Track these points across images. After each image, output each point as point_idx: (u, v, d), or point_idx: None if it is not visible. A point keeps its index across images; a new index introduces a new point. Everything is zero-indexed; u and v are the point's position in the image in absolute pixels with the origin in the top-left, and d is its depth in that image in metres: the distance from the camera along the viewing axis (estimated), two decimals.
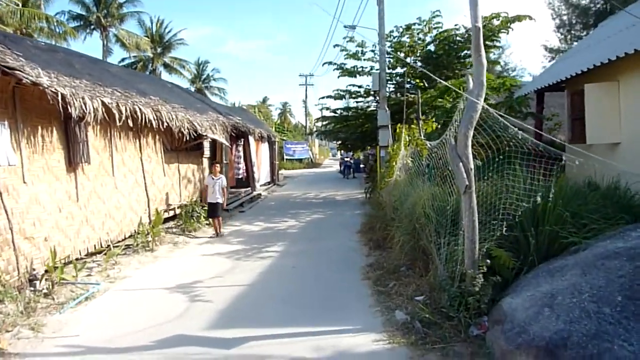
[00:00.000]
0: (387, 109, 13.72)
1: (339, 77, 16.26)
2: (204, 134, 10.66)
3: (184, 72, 51.76)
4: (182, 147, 11.47)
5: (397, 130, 9.09)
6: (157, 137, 9.94)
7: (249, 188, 17.83)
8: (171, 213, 10.90)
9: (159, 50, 50.76)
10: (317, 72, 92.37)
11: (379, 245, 8.57)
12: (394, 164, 8.62)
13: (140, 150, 9.24)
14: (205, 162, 13.05)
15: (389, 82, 15.74)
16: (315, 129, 19.19)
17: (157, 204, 9.97)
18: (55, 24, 31.51)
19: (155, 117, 8.70)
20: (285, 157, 40.26)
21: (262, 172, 20.81)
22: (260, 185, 20.58)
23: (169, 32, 49.49)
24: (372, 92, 16.36)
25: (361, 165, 32.23)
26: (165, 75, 45.39)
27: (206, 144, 12.90)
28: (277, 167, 23.77)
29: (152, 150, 9.74)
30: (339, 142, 19.12)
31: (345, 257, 8.21)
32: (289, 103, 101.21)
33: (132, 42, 45.27)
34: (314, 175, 33.06)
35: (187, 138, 10.80)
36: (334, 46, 15.95)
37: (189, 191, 11.81)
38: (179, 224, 11.06)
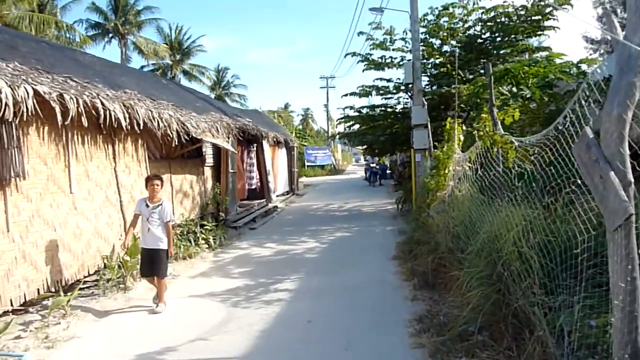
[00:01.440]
0: (424, 102, 11.41)
1: (364, 70, 14.10)
2: (200, 137, 8.60)
3: (203, 79, 51.00)
4: (176, 154, 9.45)
5: (447, 126, 6.85)
6: (140, 142, 7.91)
7: (264, 200, 15.73)
8: None
9: (177, 57, 50.14)
10: (339, 72, 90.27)
11: (427, 282, 6.28)
12: (446, 171, 6.36)
13: (115, 159, 7.21)
14: (208, 171, 11.01)
15: (423, 74, 13.45)
16: (337, 132, 16.89)
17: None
18: (66, 28, 30.46)
19: (128, 116, 6.65)
20: (306, 163, 38.21)
21: (279, 181, 18.73)
22: (277, 196, 18.47)
23: (188, 38, 48.73)
24: (403, 87, 14.10)
25: (388, 171, 29.89)
26: (184, 83, 44.28)
27: (208, 150, 10.87)
28: (296, 175, 21.65)
29: (133, 159, 7.70)
30: (364, 146, 16.84)
31: (382, 301, 5.97)
32: (311, 109, 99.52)
33: (151, 49, 44.48)
34: (337, 182, 30.83)
35: (182, 142, 8.78)
36: (359, 34, 13.36)
37: (185, 208, 9.76)
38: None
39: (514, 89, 8.54)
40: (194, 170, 10.23)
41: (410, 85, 12.17)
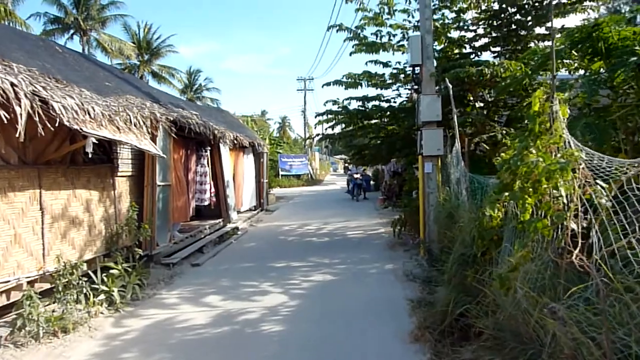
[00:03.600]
0: (444, 86, 8.05)
1: (352, 53, 10.67)
2: (80, 127, 4.96)
3: (173, 82, 47.77)
4: (53, 155, 5.81)
5: (535, 103, 3.45)
6: None
7: (219, 220, 12.09)
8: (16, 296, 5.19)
9: (146, 57, 46.61)
10: (318, 71, 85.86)
11: None
12: (546, 195, 2.97)
13: None
14: (123, 184, 7.37)
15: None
16: (316, 134, 13.41)
17: None
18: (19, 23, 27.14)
19: None
20: (280, 172, 34.63)
21: (243, 195, 15.12)
22: (241, 212, 14.86)
23: (157, 38, 45.49)
24: (403, 75, 10.76)
25: (372, 183, 26.58)
26: (153, 84, 40.63)
27: (123, 153, 7.25)
28: (265, 187, 18.05)
29: None
30: (351, 152, 13.35)
31: None
32: (289, 117, 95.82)
33: (115, 47, 40.96)
34: (315, 195, 27.29)
35: (73, 138, 5.18)
36: (346, 1, 9.77)
37: (73, 244, 6.12)
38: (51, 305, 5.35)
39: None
40: (95, 183, 6.59)
41: (416, 70, 8.82)
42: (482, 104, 9.38)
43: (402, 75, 10.82)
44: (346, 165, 39.09)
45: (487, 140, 8.56)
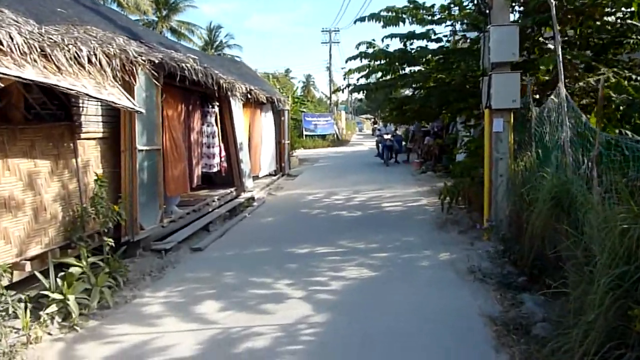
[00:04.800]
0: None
1: None
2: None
3: (193, 38, 45.50)
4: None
5: None
6: None
7: (232, 189, 10.26)
8: None
9: (164, 12, 44.46)
10: (344, 23, 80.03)
11: None
12: None
13: None
14: (92, 149, 5.50)
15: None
16: (347, 84, 11.25)
17: None
18: None
19: None
20: (304, 132, 32.54)
21: (262, 159, 13.23)
22: (259, 179, 13.03)
23: None
24: (458, 8, 8.39)
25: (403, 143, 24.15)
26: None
27: (89, 108, 5.35)
28: (287, 149, 16.08)
29: None
30: (390, 107, 11.04)
31: None
32: (313, 76, 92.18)
33: (132, 2, 38.74)
34: (342, 157, 25.21)
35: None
36: None
37: (7, 236, 4.33)
38: None
39: None
40: (44, 149, 4.73)
41: None
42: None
43: (457, 8, 8.44)
44: (375, 126, 36.48)
45: (586, 87, 6.27)
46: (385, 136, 19.54)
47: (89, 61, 4.51)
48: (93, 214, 5.09)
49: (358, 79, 9.50)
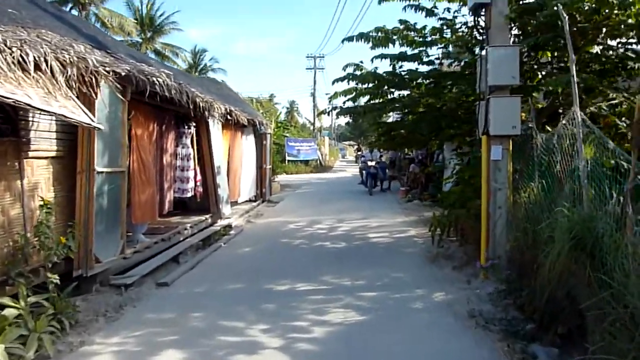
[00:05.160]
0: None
1: (380, 1, 8.00)
2: None
3: (177, 61, 45.12)
4: None
5: None
6: None
7: (207, 216, 9.54)
8: None
9: (148, 34, 44.07)
10: (328, 48, 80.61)
11: None
12: None
13: None
14: (40, 170, 4.79)
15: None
16: (332, 107, 10.76)
17: None
18: None
19: None
20: (287, 157, 31.99)
21: (241, 184, 12.56)
22: (238, 204, 12.33)
23: (161, 15, 42.70)
24: (450, 30, 8.02)
25: (387, 171, 23.70)
26: None
27: (41, 123, 4.67)
28: (268, 174, 15.44)
29: None
30: (378, 133, 10.47)
31: None
32: (297, 102, 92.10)
33: (115, 22, 38.33)
34: (325, 183, 24.64)
35: None
36: None
37: None
38: None
39: None
40: None
41: (481, 12, 6.14)
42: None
43: (449, 30, 8.07)
44: (359, 152, 36.00)
45: (598, 110, 5.85)
46: (370, 163, 18.98)
47: (37, 68, 3.87)
48: (37, 244, 4.35)
49: (344, 102, 9.00)
